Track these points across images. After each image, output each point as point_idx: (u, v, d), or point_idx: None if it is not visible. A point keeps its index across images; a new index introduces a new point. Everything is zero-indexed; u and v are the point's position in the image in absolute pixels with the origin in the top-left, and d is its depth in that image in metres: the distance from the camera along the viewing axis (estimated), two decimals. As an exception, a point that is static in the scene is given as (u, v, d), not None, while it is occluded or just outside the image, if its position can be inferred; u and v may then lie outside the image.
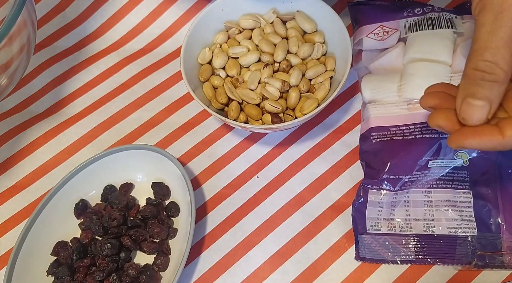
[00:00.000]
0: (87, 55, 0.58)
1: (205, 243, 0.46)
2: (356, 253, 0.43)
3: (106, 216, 0.45)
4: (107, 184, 0.48)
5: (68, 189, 0.47)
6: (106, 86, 0.56)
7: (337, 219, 0.46)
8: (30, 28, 0.49)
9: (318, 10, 0.48)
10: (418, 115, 0.44)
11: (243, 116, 0.46)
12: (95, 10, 0.59)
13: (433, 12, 0.47)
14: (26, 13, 0.46)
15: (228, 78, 0.48)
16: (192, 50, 0.48)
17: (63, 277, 0.43)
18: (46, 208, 0.45)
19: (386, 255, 0.43)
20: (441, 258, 0.42)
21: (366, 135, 0.46)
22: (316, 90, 0.46)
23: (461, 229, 0.42)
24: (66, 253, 0.44)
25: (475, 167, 0.42)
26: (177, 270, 0.41)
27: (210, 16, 0.49)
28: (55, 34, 0.59)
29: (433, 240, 0.42)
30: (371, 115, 0.46)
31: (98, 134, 0.53)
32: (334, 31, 0.47)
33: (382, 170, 0.44)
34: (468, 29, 0.45)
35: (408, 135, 0.44)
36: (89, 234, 0.45)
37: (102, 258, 0.44)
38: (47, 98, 0.56)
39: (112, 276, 0.43)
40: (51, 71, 0.57)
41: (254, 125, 0.44)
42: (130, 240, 0.44)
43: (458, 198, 0.42)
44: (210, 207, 0.48)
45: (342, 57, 0.46)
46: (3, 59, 0.47)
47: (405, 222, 0.43)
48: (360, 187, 0.45)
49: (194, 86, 0.46)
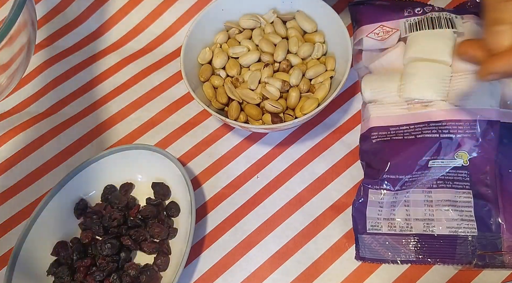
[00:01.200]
0: (87, 55, 0.58)
1: (205, 243, 0.46)
2: (356, 253, 0.43)
3: (106, 216, 0.45)
4: (107, 184, 0.48)
5: (68, 189, 0.47)
6: (106, 86, 0.56)
7: (337, 219, 0.46)
8: (30, 28, 0.49)
9: (318, 10, 0.48)
10: (419, 115, 0.44)
11: (243, 116, 0.46)
12: (95, 10, 0.59)
13: (433, 12, 0.47)
14: (26, 13, 0.46)
15: (228, 78, 0.48)
16: (192, 50, 0.48)
17: (63, 277, 0.43)
18: (46, 208, 0.45)
19: (386, 255, 0.43)
20: (441, 258, 0.42)
21: (366, 135, 0.46)
22: (316, 90, 0.46)
23: (461, 229, 0.42)
24: (66, 253, 0.45)
25: (475, 166, 0.42)
26: (177, 270, 0.41)
27: (210, 16, 0.49)
28: (55, 34, 0.59)
29: (433, 239, 0.42)
30: (371, 115, 0.46)
31: (98, 134, 0.53)
32: (334, 31, 0.47)
33: (382, 170, 0.44)
34: (468, 29, 0.45)
35: (409, 135, 0.44)
36: (89, 234, 0.45)
37: (103, 258, 0.44)
38: (47, 98, 0.56)
39: (112, 276, 0.43)
40: (51, 71, 0.57)
41: (254, 125, 0.44)
42: (130, 240, 0.44)
43: (458, 198, 0.42)
44: (210, 207, 0.48)
45: (342, 57, 0.46)
46: (3, 59, 0.47)
47: (405, 222, 0.43)
48: (360, 187, 0.45)
49: (194, 86, 0.46)
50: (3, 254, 0.47)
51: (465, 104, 0.42)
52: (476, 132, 0.42)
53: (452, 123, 0.42)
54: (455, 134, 0.42)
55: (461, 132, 0.42)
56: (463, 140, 0.42)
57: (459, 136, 0.42)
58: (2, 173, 0.52)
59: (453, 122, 0.42)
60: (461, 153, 0.42)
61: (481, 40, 0.33)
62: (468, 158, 0.42)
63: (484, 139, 0.42)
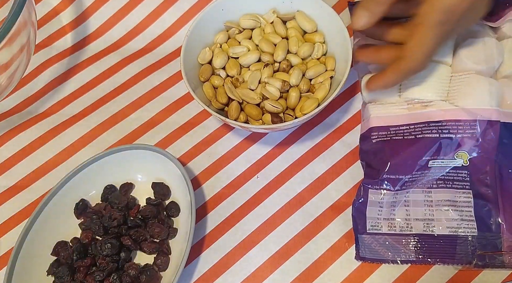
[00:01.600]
0: (87, 55, 0.58)
1: (205, 243, 0.46)
2: (356, 253, 0.43)
3: (106, 216, 0.45)
4: (107, 184, 0.48)
5: (68, 189, 0.47)
6: (106, 86, 0.56)
7: (337, 219, 0.46)
8: (30, 28, 0.49)
9: (318, 10, 0.48)
10: (418, 115, 0.44)
11: (243, 116, 0.46)
12: (95, 10, 0.59)
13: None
14: (26, 13, 0.46)
15: (228, 78, 0.48)
16: (192, 50, 0.48)
17: (63, 277, 0.43)
18: (46, 208, 0.45)
19: (386, 255, 0.43)
20: (441, 257, 0.42)
21: (366, 135, 0.46)
22: (316, 90, 0.46)
23: (461, 229, 0.42)
24: (66, 253, 0.44)
25: (475, 166, 0.42)
26: (177, 270, 0.41)
27: (210, 16, 0.49)
28: (55, 34, 0.59)
29: (433, 239, 0.42)
30: (371, 115, 0.46)
31: (98, 134, 0.53)
32: (334, 31, 0.47)
33: (382, 170, 0.44)
34: (468, 28, 0.45)
35: (408, 135, 0.44)
36: (89, 234, 0.45)
37: (103, 258, 0.44)
38: (47, 98, 0.56)
39: (112, 276, 0.43)
40: (51, 71, 0.57)
41: (254, 125, 0.44)
42: (130, 240, 0.44)
43: (458, 198, 0.42)
44: (210, 207, 0.48)
45: (342, 57, 0.46)
46: (3, 59, 0.47)
47: (405, 222, 0.43)
48: (360, 187, 0.44)
49: (194, 86, 0.46)
50: (3, 254, 0.47)
51: (465, 104, 0.42)
52: (476, 132, 0.42)
53: (452, 123, 0.42)
54: (455, 134, 0.42)
55: (461, 132, 0.42)
56: (463, 140, 0.42)
57: (459, 136, 0.42)
58: (2, 173, 0.52)
59: (453, 122, 0.42)
60: (461, 153, 0.42)
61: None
62: (468, 158, 0.42)
63: (484, 139, 0.42)
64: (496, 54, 0.43)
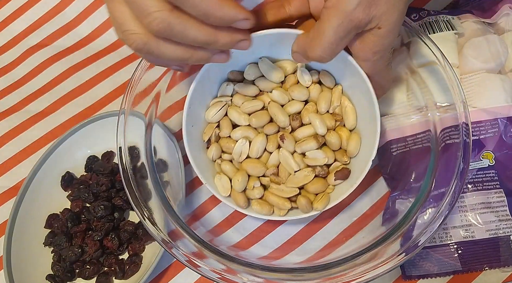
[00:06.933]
0: (87, 54, 0.57)
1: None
2: (402, 273, 0.42)
3: (94, 183, 0.46)
4: (89, 155, 0.49)
5: (52, 163, 0.48)
6: (106, 86, 0.55)
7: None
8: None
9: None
10: (434, 121, 0.43)
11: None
12: (95, 10, 0.59)
13: (430, 16, 0.46)
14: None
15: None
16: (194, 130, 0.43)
17: (61, 243, 0.45)
18: (33, 182, 0.46)
19: (432, 269, 0.41)
20: (487, 262, 0.41)
21: (385, 148, 0.45)
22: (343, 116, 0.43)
23: (500, 230, 0.41)
24: (59, 223, 0.46)
25: (501, 164, 0.42)
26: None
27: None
28: (55, 34, 0.58)
29: (475, 245, 0.41)
30: (386, 129, 0.45)
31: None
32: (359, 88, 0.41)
33: (408, 180, 0.42)
34: (468, 28, 0.45)
35: (426, 142, 0.43)
36: (79, 203, 0.46)
37: (98, 220, 0.45)
38: (47, 98, 0.55)
39: (110, 234, 0.45)
40: (51, 71, 0.56)
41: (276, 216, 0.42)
42: (122, 200, 0.46)
43: (491, 199, 0.42)
44: (210, 207, 0.47)
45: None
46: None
47: (443, 232, 0.42)
48: (388, 201, 0.43)
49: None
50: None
51: (482, 104, 0.42)
52: (497, 130, 0.42)
53: (473, 126, 0.42)
54: (477, 136, 0.42)
55: (483, 133, 0.42)
56: (486, 140, 0.42)
57: (482, 137, 0.42)
58: (2, 173, 0.52)
59: (474, 124, 0.42)
60: (486, 153, 0.42)
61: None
62: (494, 157, 0.42)
63: (507, 136, 0.42)
64: (501, 50, 0.43)
